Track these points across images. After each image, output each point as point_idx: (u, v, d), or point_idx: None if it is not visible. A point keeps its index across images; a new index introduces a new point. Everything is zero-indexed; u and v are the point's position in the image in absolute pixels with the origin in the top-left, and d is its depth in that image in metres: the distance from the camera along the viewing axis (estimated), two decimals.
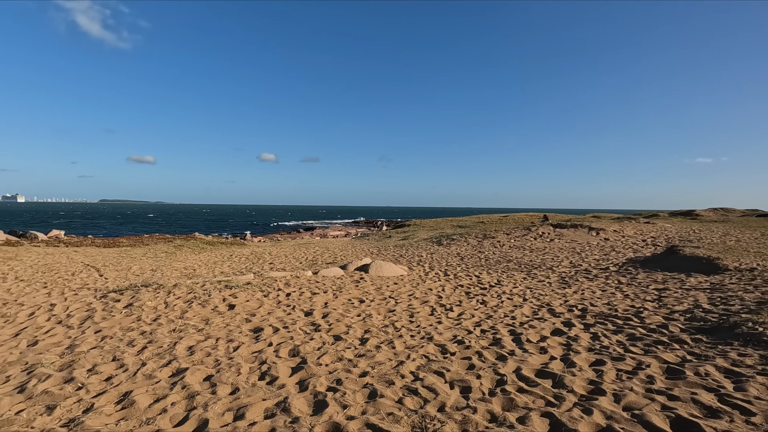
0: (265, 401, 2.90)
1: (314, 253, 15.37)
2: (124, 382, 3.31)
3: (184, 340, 4.37)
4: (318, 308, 5.93)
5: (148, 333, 4.64)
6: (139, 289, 6.69)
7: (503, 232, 19.20)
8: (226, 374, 3.43)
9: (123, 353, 3.98)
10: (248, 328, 4.88)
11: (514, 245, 15.44)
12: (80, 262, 11.45)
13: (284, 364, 3.68)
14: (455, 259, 12.75)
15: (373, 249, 17.05)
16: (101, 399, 2.99)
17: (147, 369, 3.56)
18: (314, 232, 47.40)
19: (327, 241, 23.98)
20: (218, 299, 6.14)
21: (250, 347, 4.18)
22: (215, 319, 5.25)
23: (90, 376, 3.42)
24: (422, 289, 7.68)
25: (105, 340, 4.43)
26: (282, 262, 12.46)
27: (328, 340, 4.44)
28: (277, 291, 6.94)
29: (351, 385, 3.18)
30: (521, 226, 21.55)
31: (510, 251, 13.98)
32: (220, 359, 3.81)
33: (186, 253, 14.86)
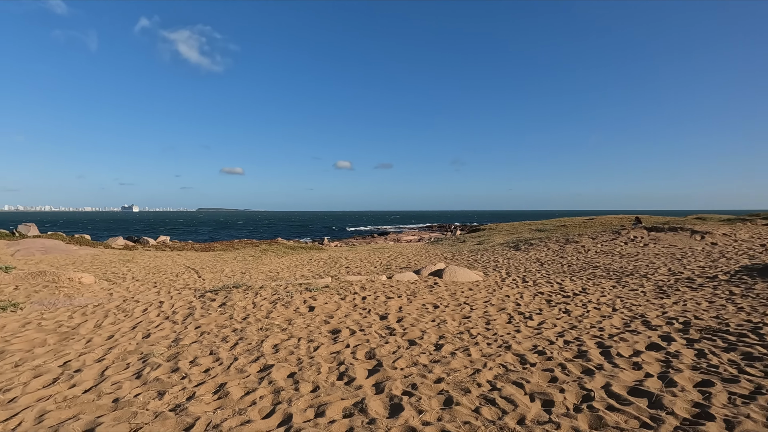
0: (343, 401, 3.02)
1: (388, 257, 15.60)
2: (220, 374, 3.65)
3: (270, 338, 4.69)
4: (393, 312, 6.01)
5: (239, 330, 5.06)
6: (231, 290, 7.32)
7: (588, 236, 17.86)
8: (308, 372, 3.62)
9: (218, 348, 4.39)
10: (327, 330, 5.10)
11: (601, 250, 14.28)
12: (182, 265, 12.84)
13: (361, 365, 3.79)
14: (534, 264, 12.13)
15: (446, 254, 16.86)
16: (201, 388, 3.33)
17: (238, 363, 3.89)
18: (388, 236, 48.14)
19: (400, 246, 24.20)
20: (299, 301, 6.50)
21: (328, 348, 4.37)
22: (297, 319, 5.57)
23: (192, 368, 3.82)
24: (499, 295, 7.42)
25: (203, 335, 4.92)
26: (357, 267, 12.83)
27: (403, 344, 4.47)
28: (354, 294, 7.16)
29: (426, 390, 3.18)
30: (609, 229, 19.88)
31: (596, 257, 12.96)
32: (301, 358, 4.03)
33: (270, 257, 15.94)
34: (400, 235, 49.27)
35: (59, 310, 6.14)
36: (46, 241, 17.20)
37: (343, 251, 19.43)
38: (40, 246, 15.72)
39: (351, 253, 17.38)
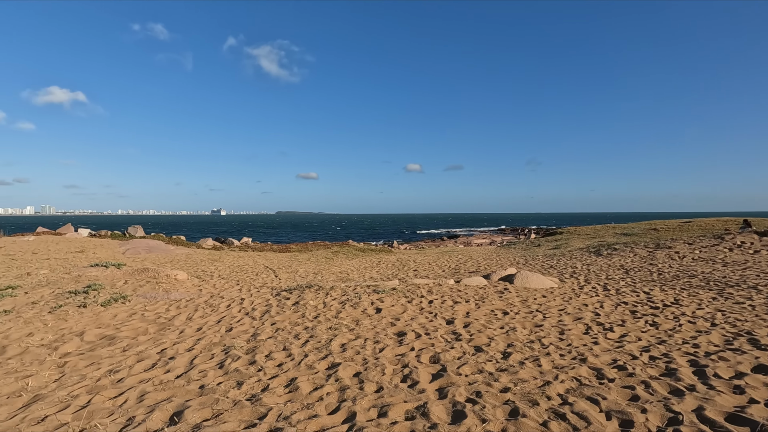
0: (406, 403, 3.04)
1: (457, 261, 15.35)
2: (291, 369, 3.87)
3: (338, 337, 4.87)
4: (459, 317, 5.91)
5: (310, 329, 5.31)
6: (303, 290, 7.71)
7: (683, 241, 16.03)
8: (373, 373, 3.70)
9: (291, 344, 4.65)
10: (393, 332, 5.16)
11: (700, 257, 12.74)
12: (262, 265, 13.78)
13: (425, 369, 3.79)
14: (618, 271, 11.18)
15: (519, 258, 16.16)
16: (274, 381, 3.56)
17: (308, 360, 4.09)
18: (458, 239, 47.33)
19: (470, 250, 23.67)
20: (367, 302, 6.66)
21: (393, 350, 4.42)
22: (364, 320, 5.71)
23: (267, 361, 4.10)
24: (575, 304, 6.96)
25: (278, 332, 5.24)
26: (425, 270, 12.80)
27: (469, 350, 4.39)
28: (420, 298, 7.16)
29: (491, 399, 3.09)
30: (709, 233, 17.67)
31: (693, 264, 11.59)
32: (367, 358, 4.13)
33: (341, 258, 16.49)
34: (470, 239, 48.21)
35: (158, 303, 6.93)
36: (150, 242, 19.46)
37: (411, 254, 19.49)
38: (145, 246, 17.83)
39: (419, 256, 17.38)
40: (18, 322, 5.84)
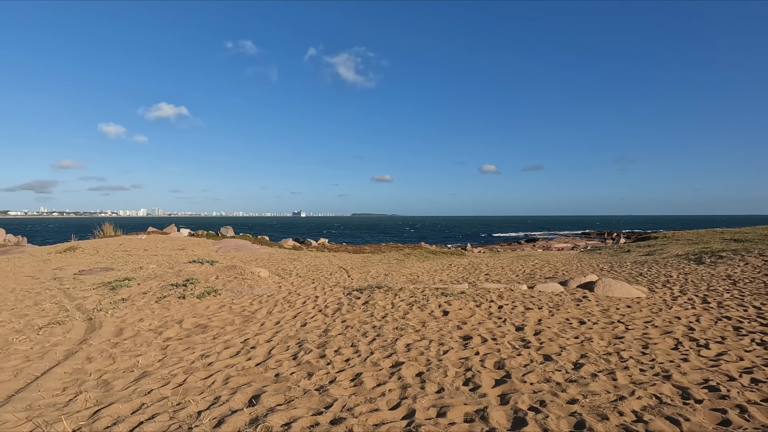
0: (466, 405, 3.06)
1: (533, 266, 14.67)
2: (357, 365, 4.06)
3: (404, 337, 4.98)
4: (530, 324, 5.71)
5: (377, 327, 5.50)
6: (373, 290, 7.95)
7: None
8: (435, 374, 3.76)
9: (358, 341, 4.87)
10: (458, 335, 5.15)
11: None
12: (336, 265, 14.40)
13: (488, 374, 3.75)
14: (723, 282, 9.88)
15: (603, 264, 14.98)
16: (341, 375, 3.77)
17: (374, 357, 4.26)
18: (536, 243, 44.99)
19: (549, 254, 22.42)
20: (435, 305, 6.69)
21: (458, 353, 4.42)
22: (431, 322, 5.76)
23: (335, 356, 4.35)
24: (665, 316, 6.33)
25: (347, 329, 5.50)
26: (498, 274, 12.44)
27: (537, 358, 4.24)
28: (490, 302, 7.02)
29: (556, 409, 2.98)
30: None
31: None
32: (431, 360, 4.19)
33: (412, 260, 16.62)
34: (550, 242, 45.60)
35: (244, 298, 7.61)
36: (239, 241, 21.30)
37: (484, 258, 19.01)
38: (234, 245, 19.56)
39: (492, 260, 16.89)
40: (132, 309, 6.81)
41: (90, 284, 9.22)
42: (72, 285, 9.22)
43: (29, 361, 4.38)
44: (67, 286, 9.14)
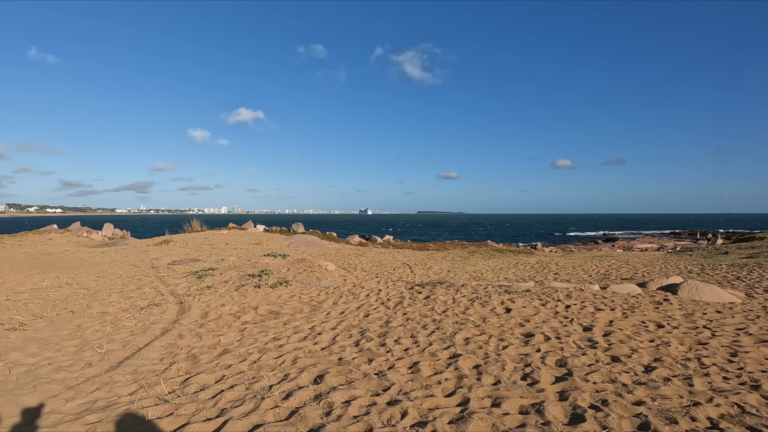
0: (522, 398, 3.05)
1: (608, 266, 13.72)
2: (416, 354, 4.19)
3: (463, 332, 5.02)
4: (600, 325, 5.43)
5: (437, 321, 5.58)
6: (435, 286, 8.02)
7: None
8: (492, 367, 3.77)
9: (418, 333, 4.99)
10: (520, 332, 5.06)
11: None
12: (400, 261, 14.63)
13: (548, 371, 3.68)
14: None
15: (692, 267, 13.59)
16: (399, 363, 3.93)
17: (432, 348, 4.36)
18: (615, 243, 41.73)
19: (629, 255, 20.75)
20: (497, 302, 6.60)
21: (518, 349, 4.37)
22: (491, 319, 5.71)
23: (395, 345, 4.51)
24: (764, 324, 5.66)
25: (408, 321, 5.65)
26: (568, 274, 11.83)
27: (603, 359, 4.06)
28: (557, 301, 6.76)
29: (618, 409, 2.87)
30: None
31: None
32: (489, 354, 4.19)
33: (477, 258, 16.35)
34: (632, 242, 42.08)
35: (312, 288, 8.09)
36: (308, 237, 22.42)
37: (555, 257, 18.11)
38: (304, 240, 20.62)
39: (564, 260, 16.05)
40: (215, 295, 7.56)
41: (181, 273, 10.35)
42: (166, 273, 10.41)
43: (134, 335, 5.10)
44: (162, 274, 10.34)
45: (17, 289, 8.23)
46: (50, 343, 4.82)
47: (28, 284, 8.83)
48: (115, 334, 5.19)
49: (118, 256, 14.64)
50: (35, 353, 4.42)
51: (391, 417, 2.76)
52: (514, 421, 2.69)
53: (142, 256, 14.33)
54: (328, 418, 2.76)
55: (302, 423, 2.67)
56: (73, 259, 13.86)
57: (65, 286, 8.62)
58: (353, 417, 2.75)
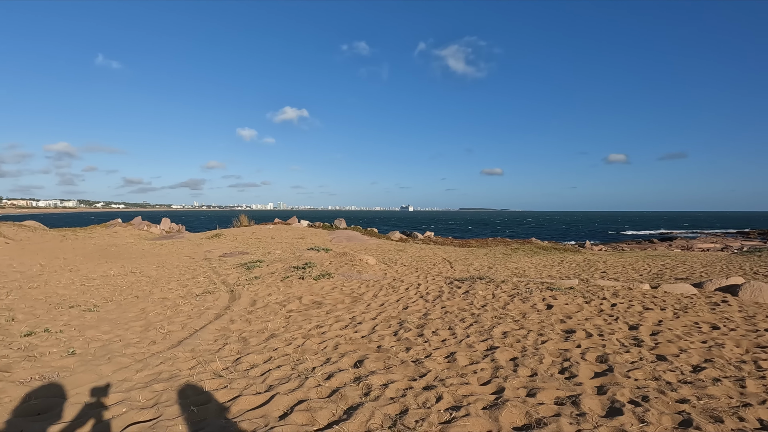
0: (558, 390, 3.07)
1: (662, 266, 12.99)
2: (452, 345, 4.27)
3: (501, 326, 5.02)
4: (647, 324, 5.24)
5: (476, 315, 5.61)
6: (475, 281, 8.01)
7: None
8: (529, 360, 3.78)
9: (455, 326, 5.06)
10: (561, 328, 4.99)
11: None
12: (440, 257, 14.63)
13: (588, 366, 3.64)
14: None
15: (759, 268, 12.58)
16: (436, 352, 4.03)
17: (469, 340, 4.42)
18: (673, 243, 39.16)
19: (688, 255, 19.47)
20: (538, 298, 6.51)
21: (557, 344, 4.33)
22: (532, 314, 5.66)
23: (432, 336, 4.62)
24: None
25: (446, 314, 5.72)
26: (617, 273, 11.35)
27: (648, 357, 3.94)
28: (602, 300, 6.57)
29: (659, 405, 2.82)
30: None
31: None
32: (527, 347, 4.19)
33: (520, 255, 16.01)
34: (692, 242, 39.34)
35: (353, 281, 8.33)
36: (350, 232, 22.87)
37: (604, 255, 17.35)
38: (346, 235, 21.07)
39: (613, 258, 15.35)
40: (262, 285, 7.98)
41: (231, 264, 10.97)
42: (218, 264, 11.07)
43: (191, 319, 5.54)
44: (214, 265, 11.01)
45: (89, 276, 9.10)
46: (120, 323, 5.35)
47: (98, 272, 9.73)
48: (174, 317, 5.66)
49: (174, 248, 15.70)
50: (108, 331, 4.94)
51: (426, 400, 2.87)
52: (548, 411, 2.72)
53: (196, 249, 15.28)
54: (366, 398, 2.92)
55: (342, 401, 2.85)
56: (135, 251, 15.04)
57: (130, 275, 9.42)
58: (390, 398, 2.90)
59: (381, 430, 2.44)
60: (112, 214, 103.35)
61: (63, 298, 6.84)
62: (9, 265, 10.26)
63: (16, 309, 5.83)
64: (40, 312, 5.76)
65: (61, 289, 7.55)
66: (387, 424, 2.51)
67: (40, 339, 4.42)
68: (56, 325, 5.02)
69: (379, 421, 2.54)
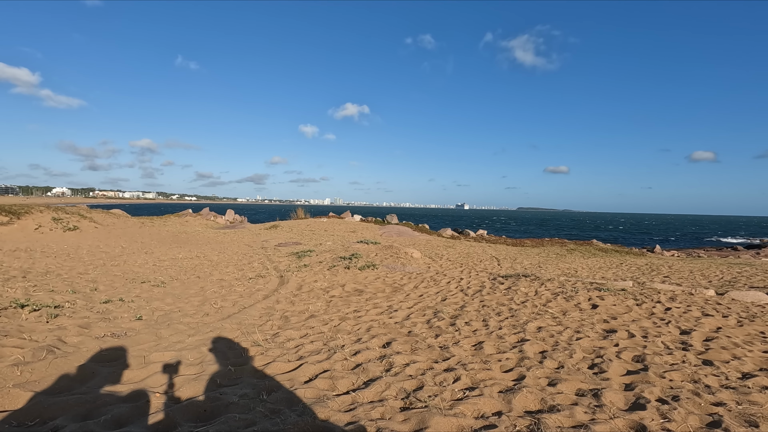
0: (581, 383, 3.03)
1: (737, 273, 11.81)
2: (483, 335, 4.30)
3: (537, 321, 4.95)
4: (702, 330, 4.89)
5: (514, 310, 5.55)
6: (519, 278, 7.87)
7: None
8: (559, 354, 3.73)
9: (490, 318, 5.06)
10: (601, 328, 4.82)
11: None
12: (489, 254, 14.39)
13: (620, 364, 3.53)
14: None
15: None
16: (465, 340, 4.09)
17: (501, 332, 4.42)
18: (762, 251, 35.06)
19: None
20: (583, 297, 6.28)
21: (593, 342, 4.21)
22: (573, 313, 5.50)
23: (464, 326, 4.67)
24: None
25: (483, 307, 5.72)
26: (681, 278, 10.52)
27: (693, 361, 3.72)
28: (655, 303, 6.19)
29: (690, 406, 2.70)
30: None
31: None
32: (559, 342, 4.12)
33: (575, 256, 15.30)
34: None
35: (396, 273, 8.51)
36: (401, 228, 23.09)
37: (670, 260, 16.06)
38: (396, 231, 21.31)
39: (681, 263, 14.18)
40: (310, 272, 8.41)
41: (284, 253, 11.62)
42: (272, 252, 11.77)
43: (242, 298, 6.03)
44: (269, 253, 11.72)
45: (161, 258, 10.10)
46: (181, 297, 5.97)
47: (168, 255, 10.77)
48: (228, 295, 6.19)
49: (236, 237, 16.85)
50: (170, 303, 5.54)
51: (444, 380, 2.98)
52: (565, 400, 2.72)
53: (255, 238, 16.30)
54: (387, 373, 3.08)
55: (363, 374, 3.04)
56: (201, 238, 16.35)
57: (195, 258, 10.33)
58: (409, 375, 3.04)
59: (394, 400, 2.60)
60: (185, 205, 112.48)
61: (137, 275, 7.71)
62: (97, 246, 11.66)
63: (99, 282, 6.69)
64: (118, 285, 6.56)
65: (136, 268, 8.49)
66: (401, 395, 2.66)
67: (115, 306, 5.08)
68: (129, 296, 5.72)
69: (394, 393, 2.69)
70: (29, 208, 15.85)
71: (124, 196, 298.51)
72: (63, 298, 5.20)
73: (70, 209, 17.97)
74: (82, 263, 8.56)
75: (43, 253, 9.49)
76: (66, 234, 14.13)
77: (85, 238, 13.73)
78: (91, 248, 11.09)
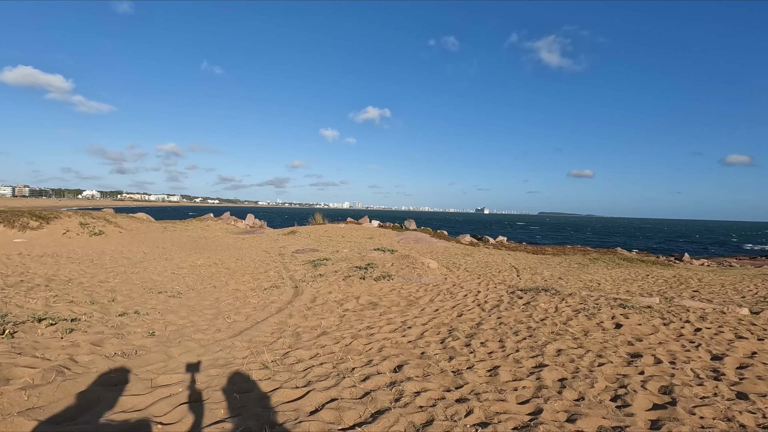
0: (603, 419, 2.84)
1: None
2: (498, 359, 4.14)
3: (557, 343, 4.74)
4: (736, 356, 4.59)
5: (532, 329, 5.35)
6: (539, 292, 7.62)
7: None
8: (579, 382, 3.54)
9: (507, 338, 4.88)
10: (625, 351, 4.58)
11: None
12: (508, 263, 14.08)
13: (646, 396, 3.31)
14: None
15: None
16: (479, 364, 3.94)
17: (518, 355, 4.25)
18: None
19: None
20: (606, 315, 6.02)
21: (616, 368, 3.99)
22: (596, 333, 5.26)
23: (480, 347, 4.51)
24: None
25: (500, 325, 5.54)
26: (712, 293, 10.02)
27: (726, 393, 3.47)
28: (684, 322, 5.88)
29: None
30: None
31: None
32: (580, 368, 3.92)
33: (598, 266, 14.82)
34: None
35: (412, 284, 8.38)
36: (418, 234, 22.91)
37: (701, 271, 15.38)
38: (414, 237, 21.15)
39: (711, 275, 13.54)
40: (325, 283, 8.36)
41: (301, 261, 11.63)
42: (289, 260, 11.80)
43: (255, 311, 6.01)
44: (286, 260, 11.76)
45: (180, 265, 10.25)
46: (196, 309, 5.99)
47: (187, 262, 10.92)
48: (242, 308, 6.19)
49: (254, 242, 17.02)
50: (184, 316, 5.56)
51: (455, 413, 2.84)
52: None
53: (273, 244, 16.42)
54: (396, 403, 2.97)
55: (372, 404, 2.93)
56: (221, 244, 16.57)
57: (213, 266, 10.44)
58: (419, 406, 2.92)
59: None
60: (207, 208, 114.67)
61: (155, 283, 7.82)
62: (120, 252, 11.93)
63: (117, 291, 6.80)
64: (135, 295, 6.65)
65: (155, 276, 8.62)
66: (409, 431, 2.54)
67: (130, 319, 5.13)
68: (145, 308, 5.78)
69: (402, 428, 2.57)
70: (58, 213, 16.42)
71: (150, 199, 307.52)
72: (81, 309, 5.29)
73: (97, 214, 18.53)
74: (104, 270, 8.75)
75: (68, 259, 9.75)
76: (92, 239, 14.55)
77: (109, 243, 14.11)
78: (114, 254, 11.36)
